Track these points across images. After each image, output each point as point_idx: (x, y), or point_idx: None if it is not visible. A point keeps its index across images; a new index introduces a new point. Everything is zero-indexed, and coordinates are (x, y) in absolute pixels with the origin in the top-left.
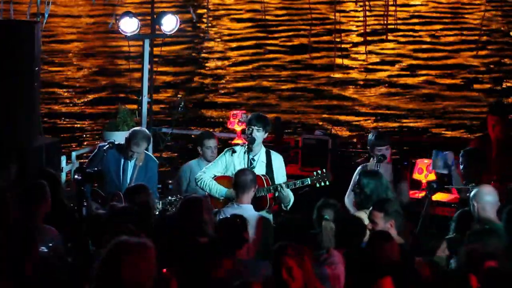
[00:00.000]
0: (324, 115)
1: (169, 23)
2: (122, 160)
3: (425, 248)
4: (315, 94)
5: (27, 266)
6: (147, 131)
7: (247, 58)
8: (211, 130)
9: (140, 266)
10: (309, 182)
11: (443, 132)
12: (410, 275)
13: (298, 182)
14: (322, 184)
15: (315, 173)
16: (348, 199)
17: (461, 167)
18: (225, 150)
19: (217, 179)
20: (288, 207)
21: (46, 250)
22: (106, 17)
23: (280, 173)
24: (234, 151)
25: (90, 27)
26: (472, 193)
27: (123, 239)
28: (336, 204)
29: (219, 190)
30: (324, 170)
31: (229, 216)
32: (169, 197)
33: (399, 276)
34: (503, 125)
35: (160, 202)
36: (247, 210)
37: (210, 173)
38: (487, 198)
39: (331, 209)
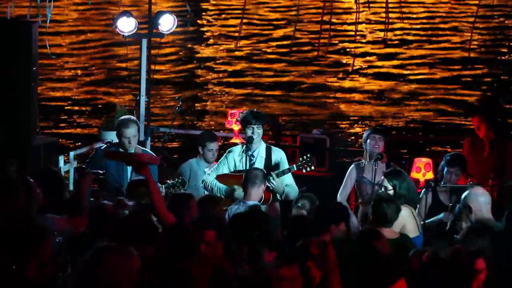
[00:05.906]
0: (322, 114)
1: (167, 23)
2: None
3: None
4: (313, 93)
5: (32, 266)
6: (132, 117)
7: (243, 57)
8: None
9: (120, 269)
10: (295, 168)
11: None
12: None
13: (285, 169)
14: (308, 169)
15: (300, 159)
16: (341, 197)
17: (446, 173)
18: (226, 152)
19: (219, 177)
20: (283, 197)
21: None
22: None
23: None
24: (231, 152)
25: (86, 26)
26: (464, 195)
27: (107, 243)
28: (313, 197)
29: (219, 188)
30: (308, 155)
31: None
32: (169, 181)
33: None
34: (487, 124)
35: (163, 186)
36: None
37: (214, 175)
38: (481, 199)
39: (307, 200)
